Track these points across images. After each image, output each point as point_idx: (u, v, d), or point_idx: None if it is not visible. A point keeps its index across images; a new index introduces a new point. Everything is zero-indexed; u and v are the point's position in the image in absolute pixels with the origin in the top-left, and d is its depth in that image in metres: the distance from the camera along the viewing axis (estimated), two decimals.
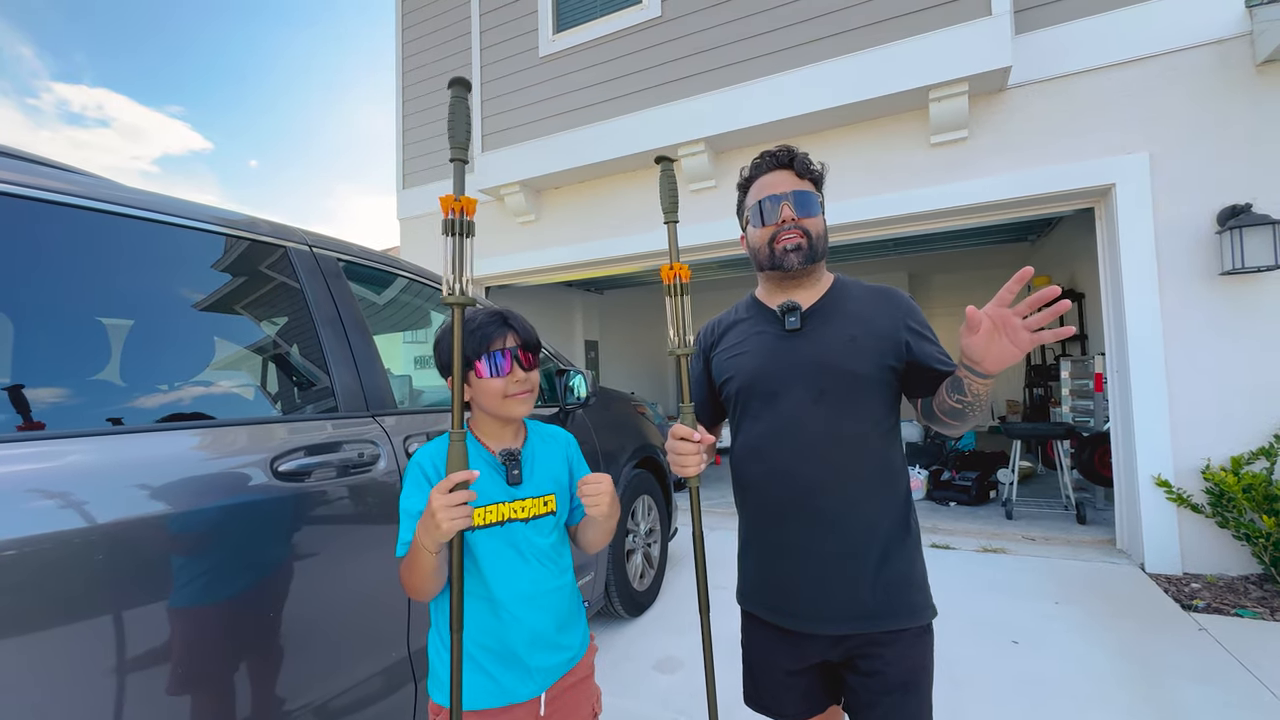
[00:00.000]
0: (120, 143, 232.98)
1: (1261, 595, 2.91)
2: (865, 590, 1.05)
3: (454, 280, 0.95)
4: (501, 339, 1.07)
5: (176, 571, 1.09)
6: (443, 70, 5.81)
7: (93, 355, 1.13)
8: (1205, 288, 3.24)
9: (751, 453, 1.16)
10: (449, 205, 0.97)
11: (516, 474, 1.06)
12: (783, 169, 1.16)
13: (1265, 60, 3.11)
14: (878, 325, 1.12)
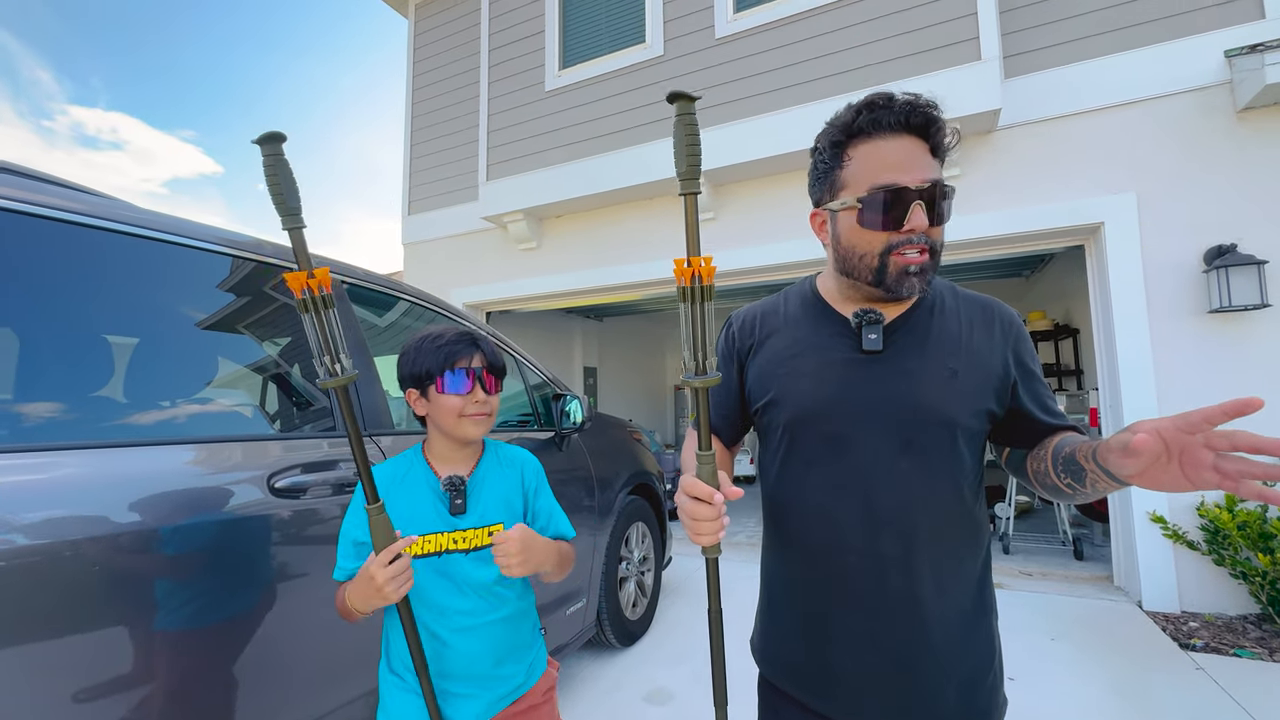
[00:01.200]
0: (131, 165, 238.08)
1: (1260, 635, 2.88)
2: (938, 686, 0.83)
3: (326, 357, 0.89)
4: (467, 358, 1.06)
5: (169, 582, 1.09)
6: (452, 101, 5.99)
7: (103, 370, 1.16)
8: (1194, 325, 3.29)
9: (805, 506, 0.91)
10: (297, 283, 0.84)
11: (460, 504, 1.03)
12: (913, 135, 0.83)
13: (1245, 107, 3.22)
14: (984, 356, 0.86)
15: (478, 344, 1.08)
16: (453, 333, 1.08)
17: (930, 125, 0.82)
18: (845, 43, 4.01)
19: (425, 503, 1.04)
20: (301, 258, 0.87)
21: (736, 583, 3.68)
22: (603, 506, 2.71)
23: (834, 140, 0.87)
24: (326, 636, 1.35)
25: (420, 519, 1.02)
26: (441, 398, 1.04)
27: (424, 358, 1.05)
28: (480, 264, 5.72)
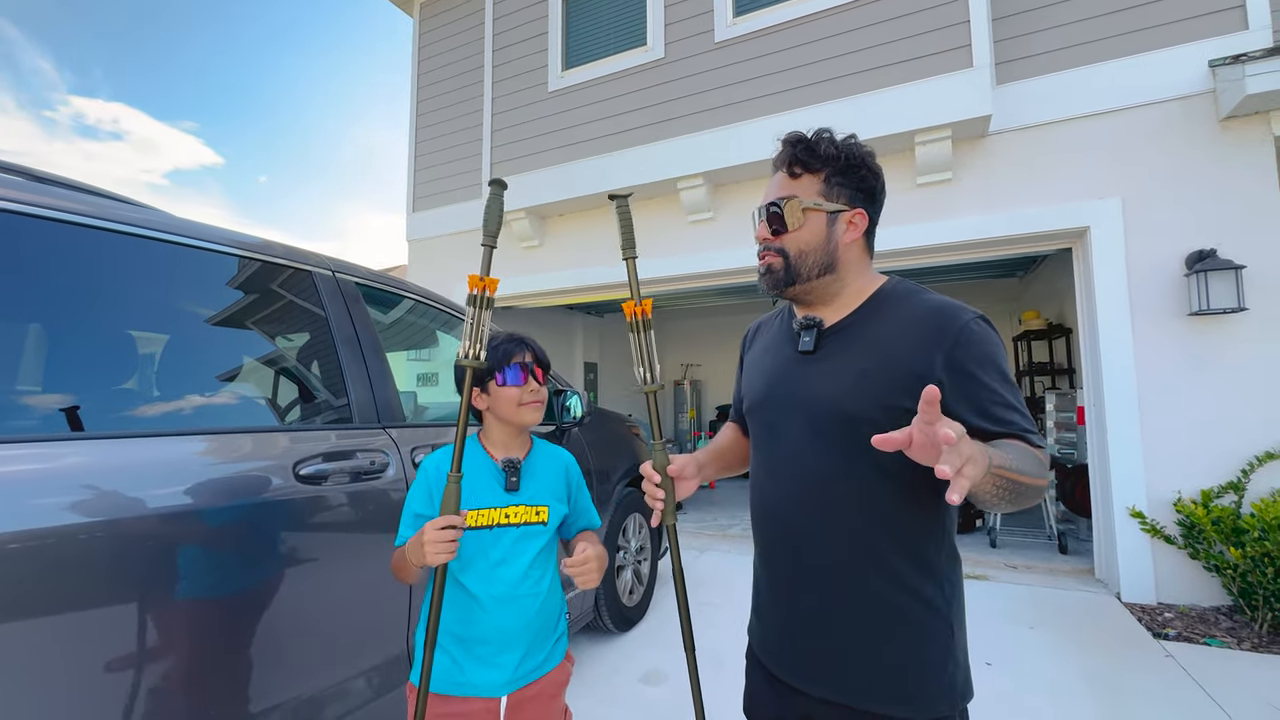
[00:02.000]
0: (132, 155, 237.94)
1: (1231, 625, 3.00)
2: (850, 661, 0.91)
3: (470, 345, 1.07)
4: (520, 355, 1.22)
5: (199, 560, 1.21)
6: (456, 100, 6.08)
7: (146, 366, 1.28)
8: (1176, 327, 3.40)
9: (754, 484, 1.06)
10: (475, 283, 1.08)
11: (514, 481, 1.17)
12: (782, 169, 1.00)
13: (1227, 116, 3.32)
14: (902, 355, 0.89)
15: (526, 343, 1.25)
16: (504, 336, 1.25)
17: (791, 160, 0.98)
18: (841, 48, 4.10)
19: (483, 481, 1.17)
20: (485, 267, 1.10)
21: (735, 574, 3.81)
22: (601, 498, 2.83)
23: None
24: (341, 612, 1.47)
25: (478, 495, 1.15)
26: (501, 390, 1.19)
27: (488, 360, 1.18)
28: None
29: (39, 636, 0.97)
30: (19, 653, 0.94)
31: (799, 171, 0.97)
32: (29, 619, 0.96)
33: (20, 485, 0.98)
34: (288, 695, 1.33)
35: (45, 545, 0.98)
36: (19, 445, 1.01)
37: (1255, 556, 2.87)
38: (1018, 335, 7.08)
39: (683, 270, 4.86)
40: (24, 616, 0.95)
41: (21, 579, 0.94)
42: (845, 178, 0.96)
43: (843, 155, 0.96)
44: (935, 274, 6.31)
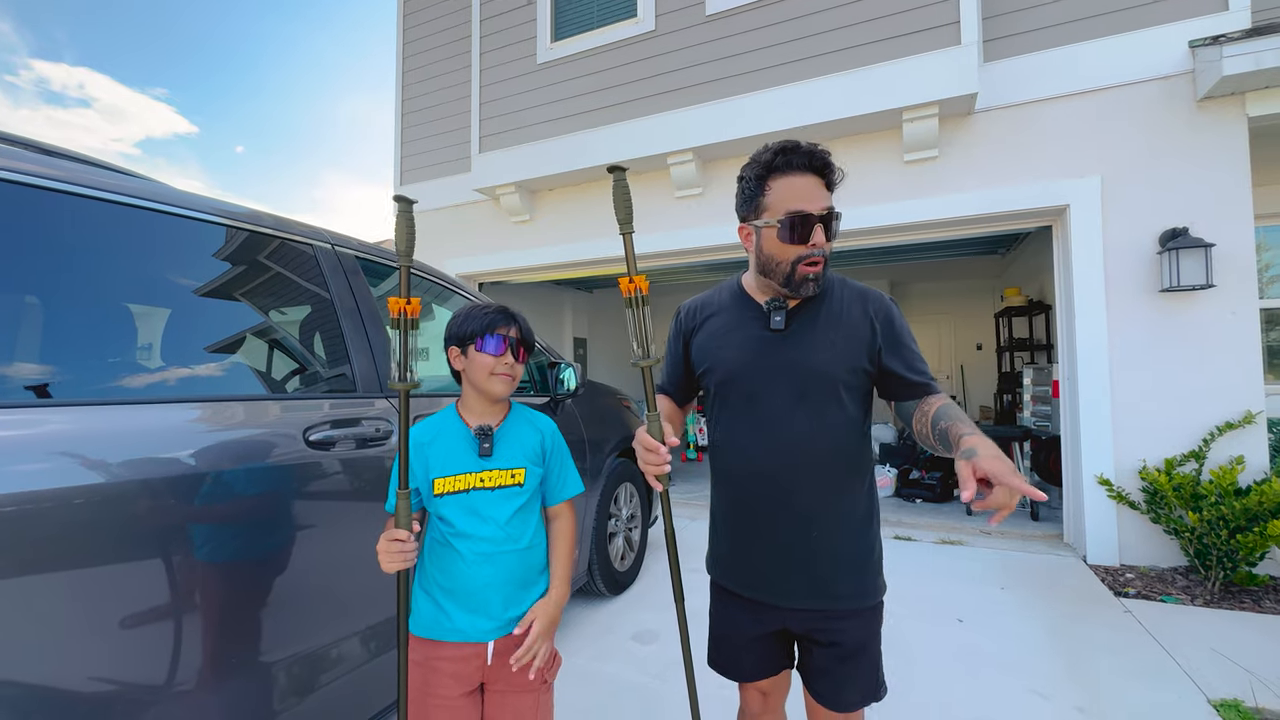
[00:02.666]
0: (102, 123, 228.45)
1: (1186, 584, 3.19)
2: (830, 573, 1.15)
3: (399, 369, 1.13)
4: (505, 327, 1.26)
5: (215, 518, 1.28)
6: (443, 71, 5.99)
7: (169, 336, 1.33)
8: (1147, 303, 3.53)
9: (732, 446, 1.21)
10: (396, 306, 1.11)
11: (487, 447, 1.23)
12: (814, 175, 1.12)
13: (1204, 97, 3.40)
14: (855, 328, 1.15)
15: (515, 320, 1.29)
16: (495, 307, 1.29)
17: (826, 167, 1.12)
18: (831, 23, 4.10)
19: (458, 448, 1.23)
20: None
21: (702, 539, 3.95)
22: (593, 468, 2.92)
23: (758, 174, 1.15)
24: (348, 570, 1.55)
25: (454, 461, 1.22)
26: (477, 355, 1.24)
27: (470, 322, 1.25)
28: (473, 235, 5.82)
29: (69, 590, 1.03)
30: (60, 594, 1.01)
31: (832, 189, 1.14)
32: (57, 571, 1.02)
33: (51, 446, 1.04)
34: (300, 649, 1.41)
35: (75, 504, 1.04)
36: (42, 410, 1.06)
37: (1211, 520, 3.05)
38: (999, 311, 7.24)
39: (671, 246, 4.90)
40: (52, 569, 1.01)
41: (57, 535, 1.01)
42: None
43: None
44: (921, 250, 6.40)
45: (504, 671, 1.22)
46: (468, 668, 1.20)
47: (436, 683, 1.19)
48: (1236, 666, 2.31)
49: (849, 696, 1.19)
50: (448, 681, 1.19)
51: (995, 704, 2.13)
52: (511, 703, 1.23)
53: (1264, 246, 4.38)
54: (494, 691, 1.24)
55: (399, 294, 1.15)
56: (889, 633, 1.36)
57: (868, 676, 1.20)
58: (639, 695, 2.24)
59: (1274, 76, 3.20)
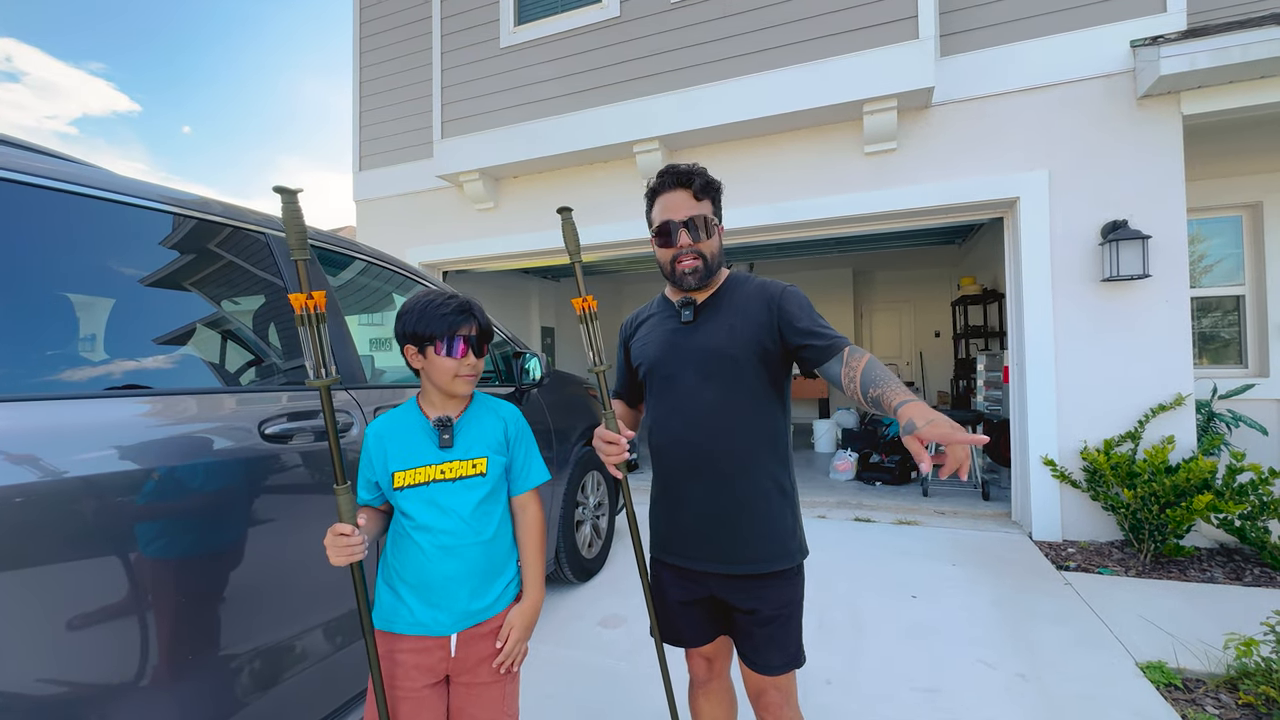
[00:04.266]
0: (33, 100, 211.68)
1: (1122, 557, 3.40)
2: (741, 538, 1.26)
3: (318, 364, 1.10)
4: (466, 328, 1.22)
5: (169, 513, 1.25)
6: (403, 53, 5.82)
7: (115, 328, 1.28)
8: (1090, 292, 3.71)
9: (656, 425, 1.37)
10: (299, 302, 1.07)
11: (447, 439, 1.21)
12: (682, 189, 1.31)
13: (1144, 95, 3.56)
14: (753, 314, 1.29)
15: (473, 314, 1.24)
16: (453, 303, 1.23)
17: (690, 179, 1.30)
18: (792, 15, 4.15)
19: (418, 441, 1.22)
20: (304, 283, 1.10)
21: None
22: (560, 457, 2.94)
23: (648, 196, 1.38)
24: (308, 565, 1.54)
25: (413, 454, 1.20)
26: (438, 359, 1.20)
27: (426, 323, 1.20)
28: (436, 223, 5.71)
29: (13, 591, 1.00)
30: (31, 594, 0.98)
31: (702, 196, 1.32)
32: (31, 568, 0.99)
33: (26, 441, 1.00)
34: (260, 643, 1.40)
35: (14, 504, 1.00)
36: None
37: (1144, 496, 3.25)
38: (956, 300, 7.49)
39: (638, 235, 4.90)
40: (27, 565, 0.98)
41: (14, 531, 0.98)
42: (717, 203, 1.36)
43: (717, 188, 1.35)
44: (882, 240, 6.56)
45: (469, 663, 1.22)
46: (431, 659, 1.20)
47: (400, 675, 1.19)
48: (1162, 631, 2.49)
49: (771, 659, 1.29)
50: (412, 673, 1.20)
51: (944, 673, 2.25)
52: (479, 693, 1.24)
53: (1197, 238, 4.64)
54: (460, 683, 1.24)
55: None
56: (847, 608, 1.44)
57: (788, 641, 1.29)
58: (606, 677, 2.29)
59: (1206, 77, 3.38)
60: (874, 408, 1.11)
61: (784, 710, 1.33)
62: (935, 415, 0.96)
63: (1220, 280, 4.63)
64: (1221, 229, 4.59)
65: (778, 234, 4.72)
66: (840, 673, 2.27)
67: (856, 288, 9.66)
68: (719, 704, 1.47)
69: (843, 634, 2.55)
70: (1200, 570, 3.18)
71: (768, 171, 4.51)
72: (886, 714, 2.03)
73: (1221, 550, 3.42)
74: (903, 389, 1.08)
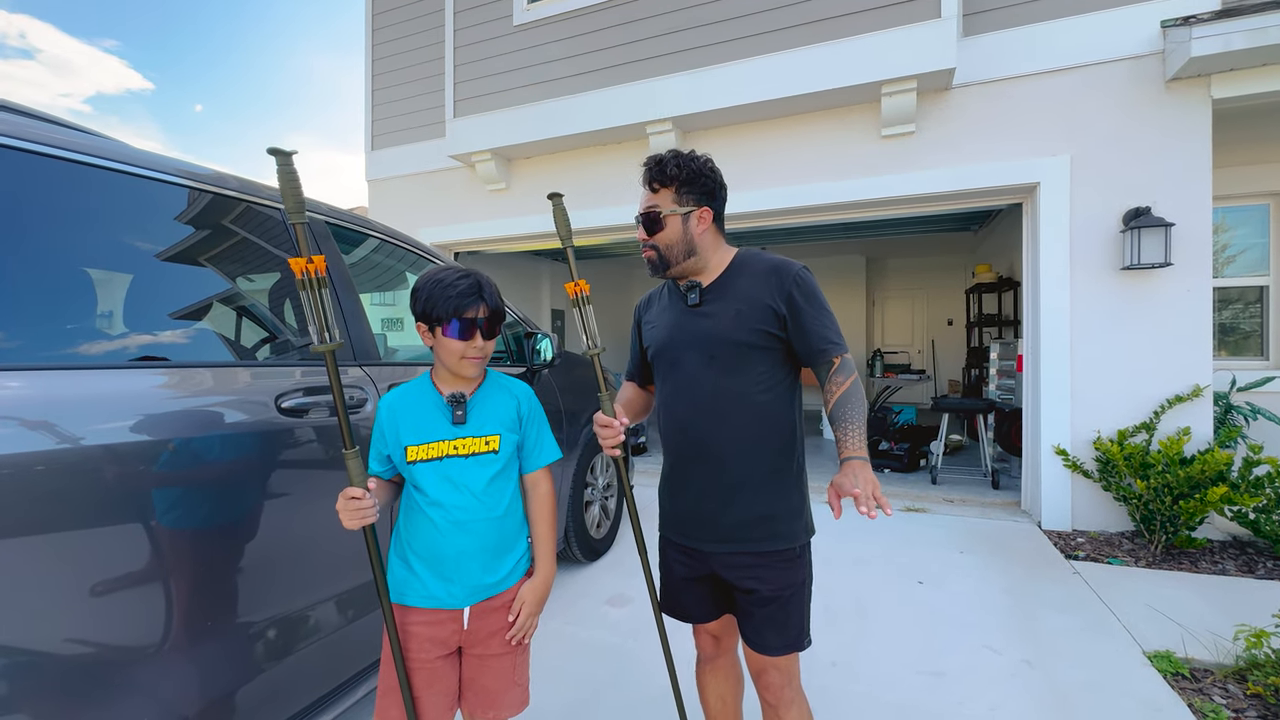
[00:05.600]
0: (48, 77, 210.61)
1: (1132, 547, 3.38)
2: (741, 518, 1.28)
3: (318, 329, 1.09)
4: (474, 309, 1.20)
5: (187, 484, 1.27)
6: (416, 30, 5.77)
7: (127, 304, 1.30)
8: (1108, 280, 3.65)
9: (662, 406, 1.39)
10: (300, 266, 1.06)
11: (460, 415, 1.22)
12: (647, 183, 1.34)
13: (1173, 78, 3.46)
14: (761, 298, 1.28)
15: (483, 295, 1.22)
16: (464, 283, 1.21)
17: (648, 173, 1.32)
18: None
19: (431, 416, 1.22)
20: (304, 247, 1.10)
21: None
22: (570, 438, 2.95)
23: None
24: (322, 537, 1.56)
25: (427, 429, 1.21)
26: (446, 340, 1.20)
27: (436, 303, 1.19)
28: (449, 204, 5.70)
29: (35, 558, 1.03)
30: (26, 562, 1.01)
31: (657, 187, 1.32)
32: (21, 537, 1.02)
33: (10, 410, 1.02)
34: (275, 612, 1.43)
35: (38, 471, 1.03)
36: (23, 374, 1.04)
37: (1157, 487, 3.22)
38: (970, 288, 7.39)
39: None
40: (49, 530, 1.01)
41: (29, 499, 1.00)
42: (690, 187, 1.31)
43: (684, 171, 1.30)
44: (896, 225, 6.47)
45: (481, 635, 1.24)
46: (444, 631, 1.22)
47: (413, 646, 1.21)
48: (1171, 621, 2.48)
49: (769, 640, 1.29)
50: (425, 645, 1.21)
51: (949, 658, 2.26)
52: (490, 664, 1.26)
53: (1222, 227, 4.54)
54: (472, 655, 1.26)
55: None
56: (852, 593, 1.44)
57: (788, 623, 1.29)
58: (613, 654, 2.32)
59: (1240, 59, 3.28)
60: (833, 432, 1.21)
61: (784, 691, 1.34)
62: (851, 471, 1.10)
63: (1244, 270, 4.53)
64: (1247, 218, 4.48)
65: (790, 218, 4.67)
66: (844, 656, 2.29)
67: (869, 275, 9.56)
68: (725, 680, 1.49)
69: (848, 618, 2.56)
70: (1212, 562, 3.16)
71: (781, 154, 4.45)
72: (890, 697, 2.04)
73: (1234, 543, 3.40)
74: (857, 439, 1.17)
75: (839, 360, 1.25)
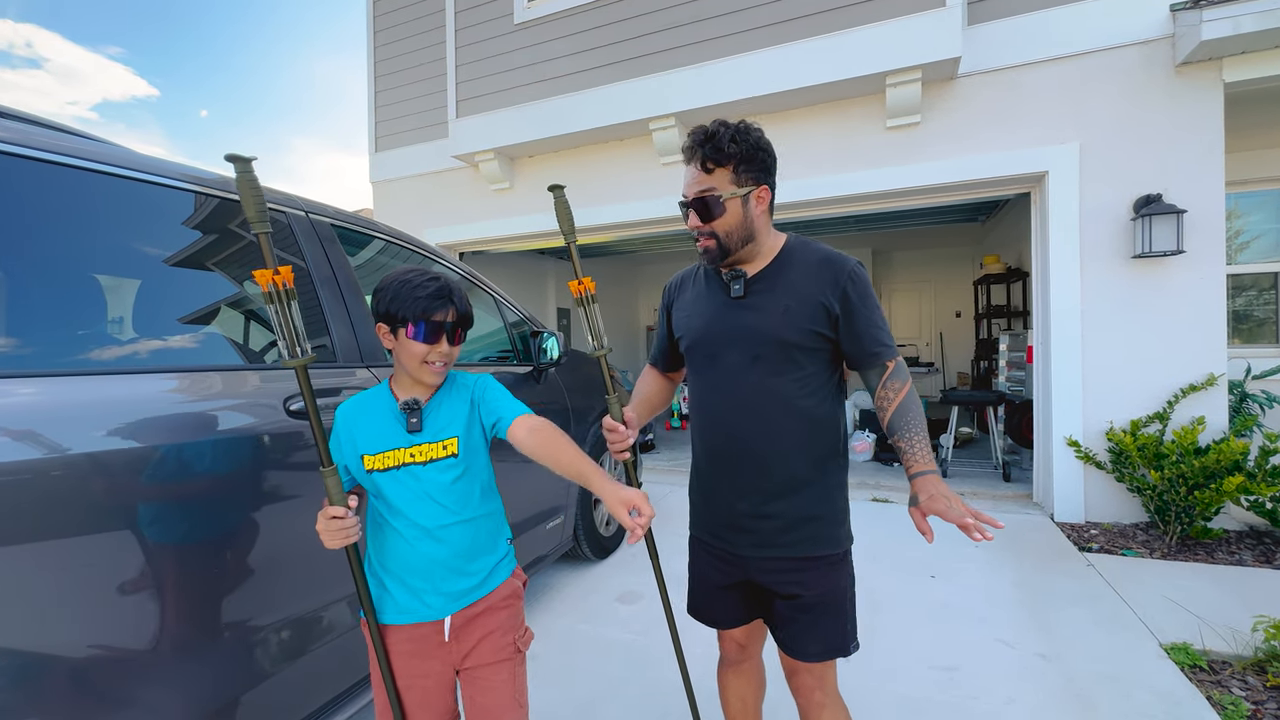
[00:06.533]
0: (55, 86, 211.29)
1: (1146, 539, 3.35)
2: (782, 524, 1.21)
3: (289, 343, 1.04)
4: (442, 313, 1.13)
5: (197, 486, 1.28)
6: (417, 30, 5.77)
7: (136, 309, 1.30)
8: (1119, 269, 3.60)
9: (697, 403, 1.32)
10: (265, 278, 1.01)
11: (415, 422, 1.14)
12: (692, 163, 1.20)
13: (1183, 62, 3.41)
14: (812, 294, 1.18)
15: (451, 298, 1.15)
16: (431, 286, 1.13)
17: (693, 150, 1.18)
18: None
19: (386, 424, 1.15)
20: (269, 257, 1.04)
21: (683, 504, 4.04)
22: (578, 436, 2.95)
23: None
24: None
25: (382, 437, 1.14)
26: (408, 343, 1.12)
27: (399, 304, 1.12)
28: (453, 204, 5.70)
29: (43, 563, 1.04)
30: (35, 568, 1.01)
31: (711, 166, 1.18)
32: (31, 544, 1.02)
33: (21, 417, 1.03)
34: (281, 617, 1.44)
35: (52, 476, 1.03)
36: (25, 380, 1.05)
37: (1172, 478, 3.18)
38: (978, 279, 7.33)
39: (655, 214, 4.86)
40: (26, 541, 1.01)
41: (34, 507, 1.01)
42: (749, 165, 1.19)
43: (743, 147, 1.17)
44: (903, 217, 6.42)
45: (468, 644, 1.18)
46: (427, 645, 1.17)
47: (400, 665, 1.17)
48: (1187, 613, 2.45)
49: (809, 646, 1.23)
50: (411, 661, 1.17)
51: (963, 652, 2.24)
52: (486, 679, 1.19)
53: (1235, 214, 4.47)
54: (466, 672, 1.20)
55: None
56: (864, 587, 1.42)
57: (830, 629, 1.23)
58: (625, 651, 2.32)
59: (1251, 41, 3.22)
60: (894, 448, 1.15)
61: (814, 694, 1.28)
62: (936, 491, 1.06)
63: (1258, 257, 4.47)
64: (1261, 203, 4.42)
65: (795, 212, 4.64)
66: (858, 651, 2.28)
67: (876, 268, 9.48)
68: (748, 682, 1.45)
69: (860, 612, 2.48)
70: (1228, 553, 3.12)
71: (786, 148, 4.38)
72: (903, 691, 2.03)
73: (1251, 533, 3.35)
74: (924, 452, 1.12)
75: (892, 365, 1.17)
